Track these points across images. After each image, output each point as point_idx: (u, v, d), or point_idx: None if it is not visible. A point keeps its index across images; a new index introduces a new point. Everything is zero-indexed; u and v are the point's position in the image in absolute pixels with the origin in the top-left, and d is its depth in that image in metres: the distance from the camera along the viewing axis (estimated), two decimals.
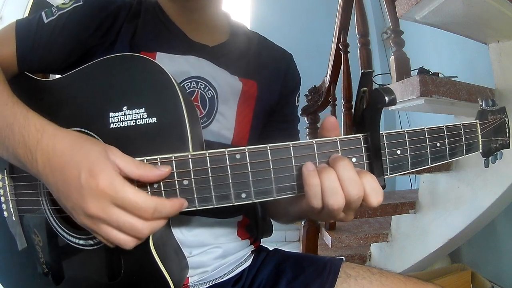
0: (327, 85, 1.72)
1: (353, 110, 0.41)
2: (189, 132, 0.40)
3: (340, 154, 0.38)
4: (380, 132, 0.39)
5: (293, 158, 0.38)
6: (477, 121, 0.46)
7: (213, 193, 0.38)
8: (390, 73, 1.48)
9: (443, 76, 1.23)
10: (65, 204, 0.37)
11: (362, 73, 0.39)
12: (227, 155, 0.37)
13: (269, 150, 0.37)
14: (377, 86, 1.77)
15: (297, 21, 3.03)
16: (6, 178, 0.51)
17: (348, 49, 1.60)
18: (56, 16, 0.52)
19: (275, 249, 0.68)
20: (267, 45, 0.70)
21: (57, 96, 0.48)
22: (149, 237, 0.40)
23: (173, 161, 0.37)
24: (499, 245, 1.58)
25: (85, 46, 0.54)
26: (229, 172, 0.37)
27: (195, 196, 0.38)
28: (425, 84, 1.04)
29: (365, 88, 0.38)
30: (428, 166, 0.42)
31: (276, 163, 0.38)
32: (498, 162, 0.47)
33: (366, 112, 0.38)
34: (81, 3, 0.54)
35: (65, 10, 0.53)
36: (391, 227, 1.58)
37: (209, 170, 0.37)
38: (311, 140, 0.38)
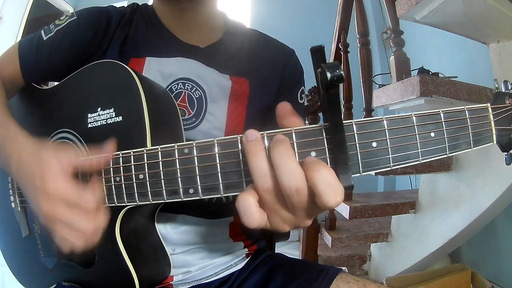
0: None
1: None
2: (148, 129, 0.43)
3: (296, 147, 0.33)
4: (350, 121, 0.33)
5: (240, 152, 0.34)
6: (488, 104, 0.36)
7: (164, 188, 0.38)
8: (390, 73, 1.49)
9: (443, 76, 1.23)
10: (33, 208, 0.41)
11: (310, 50, 0.32)
12: (176, 149, 0.37)
13: (216, 144, 0.35)
14: (378, 86, 1.78)
15: (297, 21, 3.03)
16: None
17: (348, 49, 1.60)
18: (53, 32, 0.57)
19: (276, 254, 0.66)
20: (266, 42, 0.69)
21: (51, 102, 0.55)
22: (115, 228, 0.43)
23: (132, 156, 0.39)
24: (499, 245, 1.58)
25: (83, 56, 0.57)
26: (177, 167, 0.37)
27: (149, 190, 0.39)
28: (425, 84, 1.04)
29: (319, 69, 0.31)
30: (418, 162, 0.34)
31: (223, 157, 0.35)
32: (498, 162, 0.42)
33: (323, 97, 0.31)
34: (75, 17, 0.57)
35: (61, 26, 0.57)
36: (391, 227, 1.59)
37: (160, 165, 0.38)
38: (261, 132, 0.33)
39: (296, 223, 0.34)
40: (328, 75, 0.29)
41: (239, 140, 0.34)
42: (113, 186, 0.41)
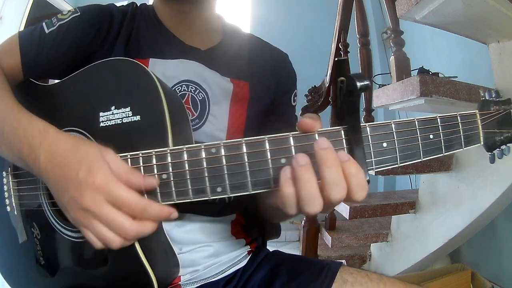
0: (327, 85, 1.72)
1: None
2: (169, 129, 0.42)
3: (328, 145, 0.35)
4: (363, 124, 0.37)
5: (268, 151, 0.37)
6: (477, 111, 0.43)
7: (190, 187, 0.38)
8: (390, 73, 1.49)
9: (443, 76, 1.23)
10: (62, 198, 0.39)
11: (335, 61, 0.38)
12: (203, 149, 0.38)
13: (244, 144, 0.37)
14: (378, 86, 1.77)
15: (297, 21, 3.03)
16: (10, 175, 0.55)
17: (348, 49, 1.60)
18: (56, 26, 0.55)
19: (275, 251, 0.67)
20: (262, 45, 0.70)
21: (55, 99, 0.52)
22: None
23: (153, 156, 0.39)
24: (499, 245, 1.58)
25: (85, 54, 0.56)
26: (204, 166, 0.38)
27: (173, 189, 0.39)
28: (425, 84, 1.04)
29: (342, 78, 0.36)
30: (420, 160, 0.39)
31: (251, 156, 0.37)
32: (498, 162, 0.45)
33: (343, 102, 0.37)
34: (79, 13, 0.57)
35: (65, 21, 0.56)
36: (391, 227, 1.58)
37: (186, 164, 0.38)
38: (287, 133, 0.37)
39: (322, 212, 0.38)
40: (358, 84, 0.34)
41: (266, 140, 0.37)
42: None
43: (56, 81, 0.55)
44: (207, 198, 0.38)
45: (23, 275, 0.57)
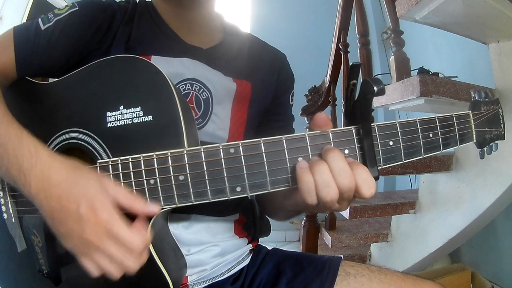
0: (327, 85, 1.72)
1: (343, 103, 0.43)
2: (184, 129, 0.41)
3: (332, 146, 0.38)
4: (372, 124, 0.39)
5: (286, 150, 0.38)
6: (470, 111, 0.46)
7: (208, 187, 0.38)
8: (390, 73, 1.48)
9: (443, 76, 1.23)
10: (58, 228, 0.38)
11: (351, 65, 0.39)
12: (221, 149, 0.38)
13: (262, 144, 0.38)
14: None
15: (297, 21, 3.03)
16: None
17: (348, 49, 1.60)
18: (52, 22, 0.52)
19: (274, 249, 0.68)
20: (261, 45, 0.70)
21: (55, 98, 0.49)
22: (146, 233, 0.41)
23: (169, 157, 0.38)
24: (499, 245, 1.58)
25: (83, 51, 0.54)
26: (223, 166, 0.38)
27: (191, 191, 0.39)
28: (425, 84, 1.04)
29: (354, 81, 0.39)
30: (421, 157, 0.42)
31: (270, 156, 0.38)
32: (498, 162, 0.46)
33: (356, 104, 0.39)
34: (77, 8, 0.54)
35: (62, 16, 0.53)
36: (391, 227, 1.58)
37: (204, 165, 0.38)
38: (303, 133, 0.38)
39: (339, 209, 0.41)
40: (375, 88, 0.36)
41: (283, 140, 0.38)
42: (146, 189, 0.39)
43: (52, 80, 0.52)
44: (226, 198, 0.39)
45: (22, 286, 0.54)
